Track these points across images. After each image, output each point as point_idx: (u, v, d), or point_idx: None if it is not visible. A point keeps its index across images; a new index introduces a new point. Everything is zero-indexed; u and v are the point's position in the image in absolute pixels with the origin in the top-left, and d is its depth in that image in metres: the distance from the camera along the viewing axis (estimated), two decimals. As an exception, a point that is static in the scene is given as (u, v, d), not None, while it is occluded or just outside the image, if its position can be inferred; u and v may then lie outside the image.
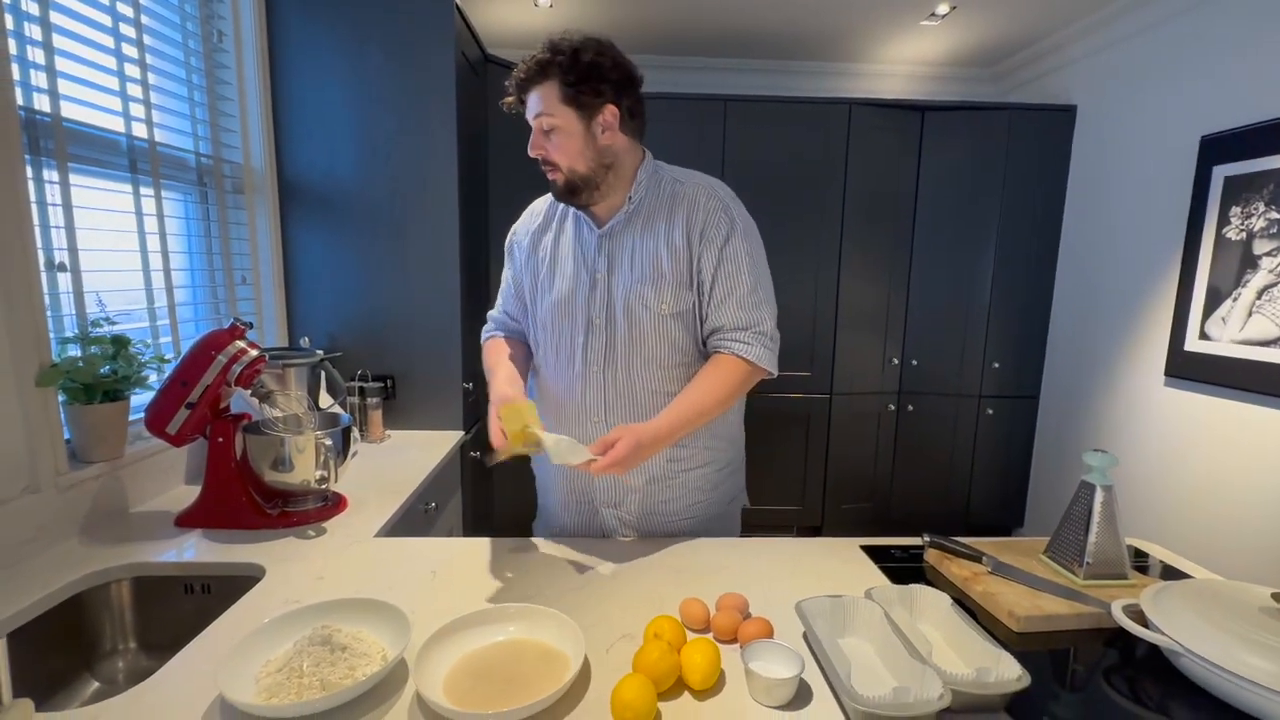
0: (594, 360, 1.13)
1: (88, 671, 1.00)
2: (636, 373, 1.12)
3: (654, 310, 1.09)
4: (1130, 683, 0.79)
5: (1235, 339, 2.00)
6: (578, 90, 1.02)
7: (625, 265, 1.11)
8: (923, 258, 2.89)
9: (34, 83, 1.13)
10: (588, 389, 1.14)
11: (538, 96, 1.04)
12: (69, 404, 1.15)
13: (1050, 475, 2.91)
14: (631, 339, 1.11)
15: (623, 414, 1.14)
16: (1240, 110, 2.01)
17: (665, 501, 1.19)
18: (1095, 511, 0.95)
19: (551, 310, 1.16)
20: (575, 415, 1.16)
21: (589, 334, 1.13)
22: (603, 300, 1.12)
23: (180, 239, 1.57)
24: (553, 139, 1.05)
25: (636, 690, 0.67)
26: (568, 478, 1.21)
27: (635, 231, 1.12)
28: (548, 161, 1.08)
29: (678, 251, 1.09)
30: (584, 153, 1.06)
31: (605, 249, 1.13)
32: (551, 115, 1.03)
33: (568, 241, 1.17)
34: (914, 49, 3.00)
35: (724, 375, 1.08)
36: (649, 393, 1.13)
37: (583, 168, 1.06)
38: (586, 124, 1.05)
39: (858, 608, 0.84)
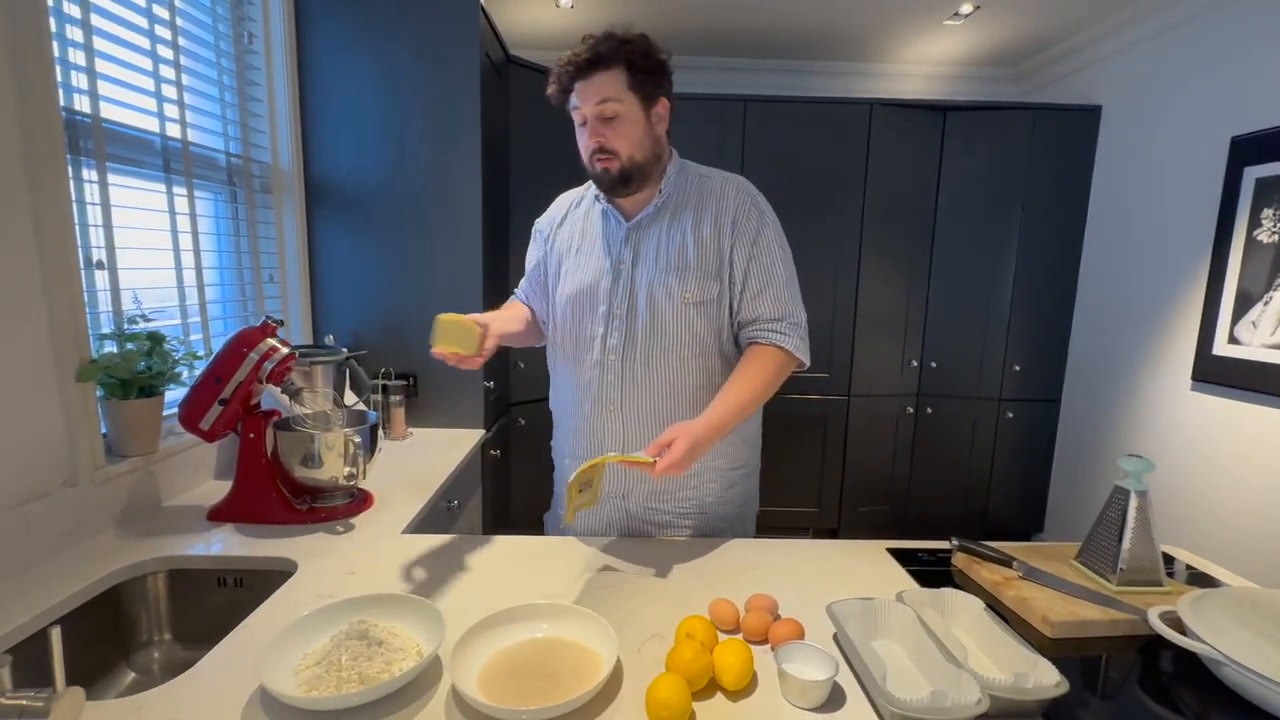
0: (613, 350, 1.14)
1: (124, 662, 1.02)
2: (655, 363, 1.13)
3: (676, 299, 1.10)
4: (1167, 691, 0.78)
5: (1267, 343, 1.96)
6: (645, 78, 1.04)
7: (650, 256, 1.12)
8: (943, 259, 2.87)
9: (75, 84, 1.15)
10: (604, 378, 1.15)
11: (602, 81, 1.03)
12: (106, 399, 1.17)
13: (1071, 480, 2.87)
14: (653, 329, 1.12)
15: (639, 404, 1.14)
16: (1273, 110, 1.97)
17: (671, 493, 1.19)
18: (1130, 517, 0.94)
19: (571, 301, 1.17)
20: (592, 404, 1.17)
21: (609, 324, 1.14)
22: (625, 291, 1.13)
23: (210, 238, 1.60)
24: (614, 126, 1.05)
25: (672, 689, 0.67)
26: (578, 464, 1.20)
27: (662, 224, 1.13)
28: (606, 150, 1.06)
29: (704, 242, 1.11)
30: (643, 141, 1.07)
31: (631, 241, 1.14)
32: (619, 101, 1.03)
33: (593, 234, 1.18)
34: (936, 49, 2.98)
35: (765, 364, 1.09)
36: (666, 383, 1.14)
37: (640, 157, 1.07)
38: (647, 113, 1.06)
39: (889, 610, 0.84)
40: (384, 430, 1.82)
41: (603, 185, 1.12)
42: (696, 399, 1.13)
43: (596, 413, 1.17)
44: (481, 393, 1.98)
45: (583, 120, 1.07)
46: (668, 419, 1.12)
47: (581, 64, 1.02)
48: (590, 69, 1.03)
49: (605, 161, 1.07)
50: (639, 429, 1.15)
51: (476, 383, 1.97)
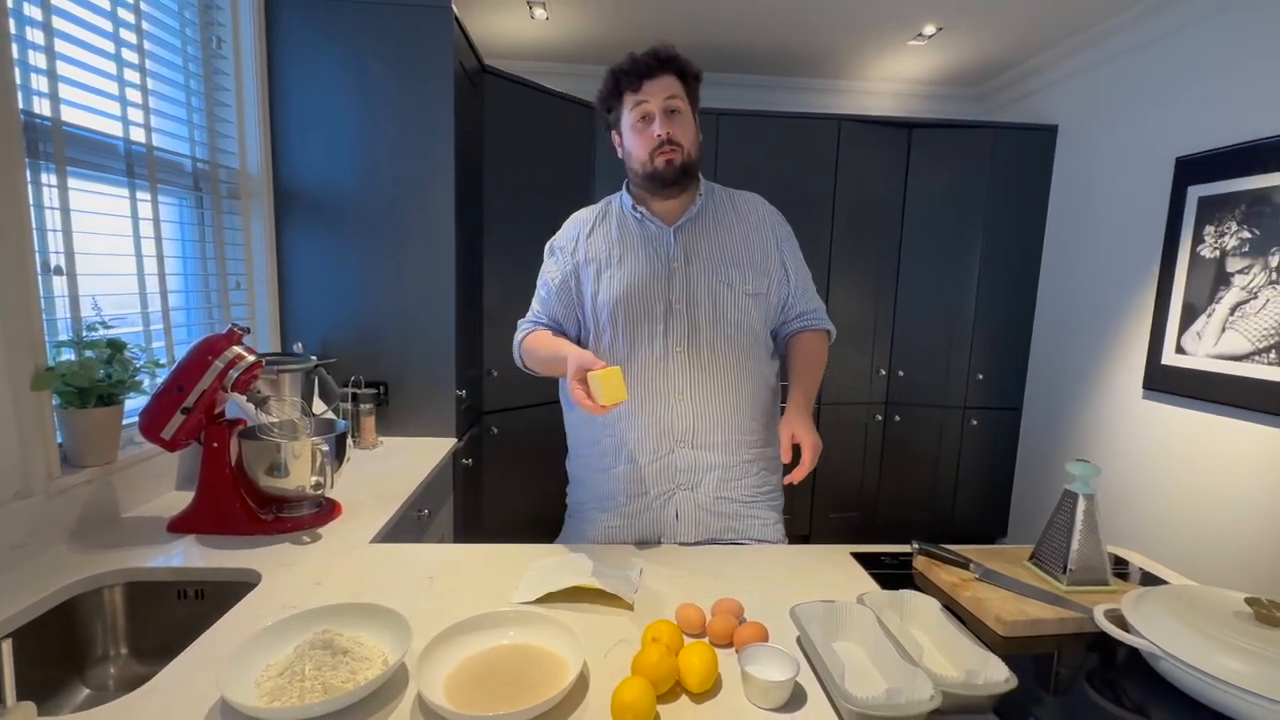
0: (676, 342, 1.20)
1: (78, 678, 0.99)
2: (720, 351, 1.21)
3: (738, 290, 1.21)
4: (1112, 685, 0.82)
5: (1210, 353, 2.06)
6: (695, 87, 1.19)
7: (703, 254, 1.22)
8: (909, 271, 2.95)
9: (34, 86, 1.13)
10: (671, 369, 1.21)
11: (669, 82, 1.15)
12: (63, 408, 1.14)
13: (1033, 485, 2.96)
14: (716, 318, 1.20)
15: (706, 390, 1.21)
16: (1213, 133, 2.09)
17: (739, 479, 1.25)
18: (1078, 520, 0.98)
19: (622, 301, 1.21)
20: (658, 396, 1.21)
21: (669, 319, 1.20)
22: (682, 287, 1.21)
23: (175, 243, 1.57)
24: (678, 121, 1.16)
25: (637, 692, 0.68)
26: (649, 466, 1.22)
27: (707, 226, 1.24)
28: (673, 141, 1.15)
29: (752, 243, 1.24)
30: (696, 141, 1.20)
31: (680, 241, 1.23)
32: (682, 99, 1.16)
33: (631, 239, 1.24)
34: (902, 68, 3.07)
35: (820, 347, 1.29)
36: (729, 368, 1.22)
37: (695, 154, 1.19)
38: (695, 115, 1.20)
39: (850, 613, 0.86)
40: (353, 439, 1.80)
41: (662, 179, 1.17)
42: (750, 383, 1.24)
43: (665, 406, 1.21)
44: (453, 401, 1.97)
45: (642, 116, 1.16)
46: (732, 402, 1.22)
47: (652, 63, 1.15)
48: (660, 69, 1.15)
49: (670, 153, 1.15)
50: (706, 413, 1.22)
51: (448, 391, 1.96)
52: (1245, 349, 1.95)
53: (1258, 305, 1.92)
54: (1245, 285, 1.96)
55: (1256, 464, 1.93)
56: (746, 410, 1.23)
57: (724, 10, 2.51)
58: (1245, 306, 1.96)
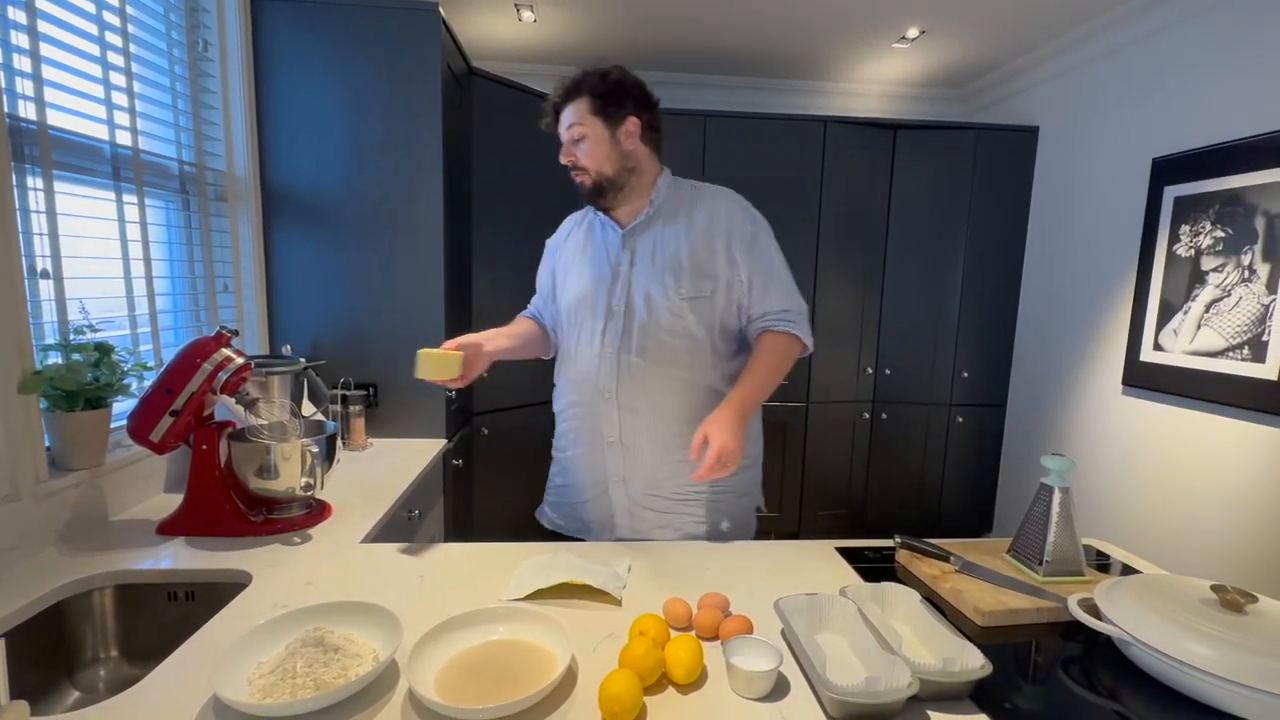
0: (610, 344, 1.24)
1: (68, 681, 1.00)
2: (650, 355, 1.23)
3: (672, 295, 1.22)
4: (1086, 671, 0.84)
5: (1186, 350, 2.11)
6: (605, 102, 1.18)
7: (646, 258, 1.24)
8: (895, 270, 2.98)
9: (19, 90, 1.13)
10: (603, 370, 1.24)
11: (571, 111, 1.20)
12: (50, 411, 1.14)
13: (1017, 480, 3.01)
14: (649, 323, 1.22)
15: (631, 392, 1.23)
16: (1188, 134, 2.14)
17: (668, 478, 1.26)
18: (1054, 512, 1.01)
19: (575, 302, 1.28)
20: (593, 393, 1.26)
21: (609, 320, 1.24)
22: (623, 290, 1.24)
23: (162, 246, 1.57)
24: (581, 147, 1.20)
25: (623, 684, 0.70)
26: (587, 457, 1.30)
27: (656, 229, 1.26)
28: (577, 166, 1.22)
29: (697, 245, 1.23)
30: (610, 157, 1.21)
31: (628, 245, 1.26)
32: (582, 125, 1.19)
33: (592, 243, 1.31)
34: (886, 70, 3.11)
35: (779, 349, 1.23)
36: (657, 372, 1.23)
37: (609, 170, 1.21)
38: (612, 132, 1.20)
39: (833, 605, 0.88)
40: (343, 441, 1.80)
41: (583, 197, 1.26)
42: (686, 388, 1.24)
43: (595, 401, 1.26)
44: (443, 403, 1.97)
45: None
46: (660, 407, 1.24)
47: (556, 101, 1.22)
48: (563, 102, 1.21)
49: (579, 176, 1.23)
50: (632, 415, 1.24)
51: (438, 393, 1.96)
52: (1220, 345, 1.99)
53: (1231, 303, 1.96)
54: (1219, 283, 2.01)
55: (1231, 458, 1.97)
56: (676, 414, 1.23)
57: (710, 13, 2.53)
58: (1219, 304, 2.00)
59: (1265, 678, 0.70)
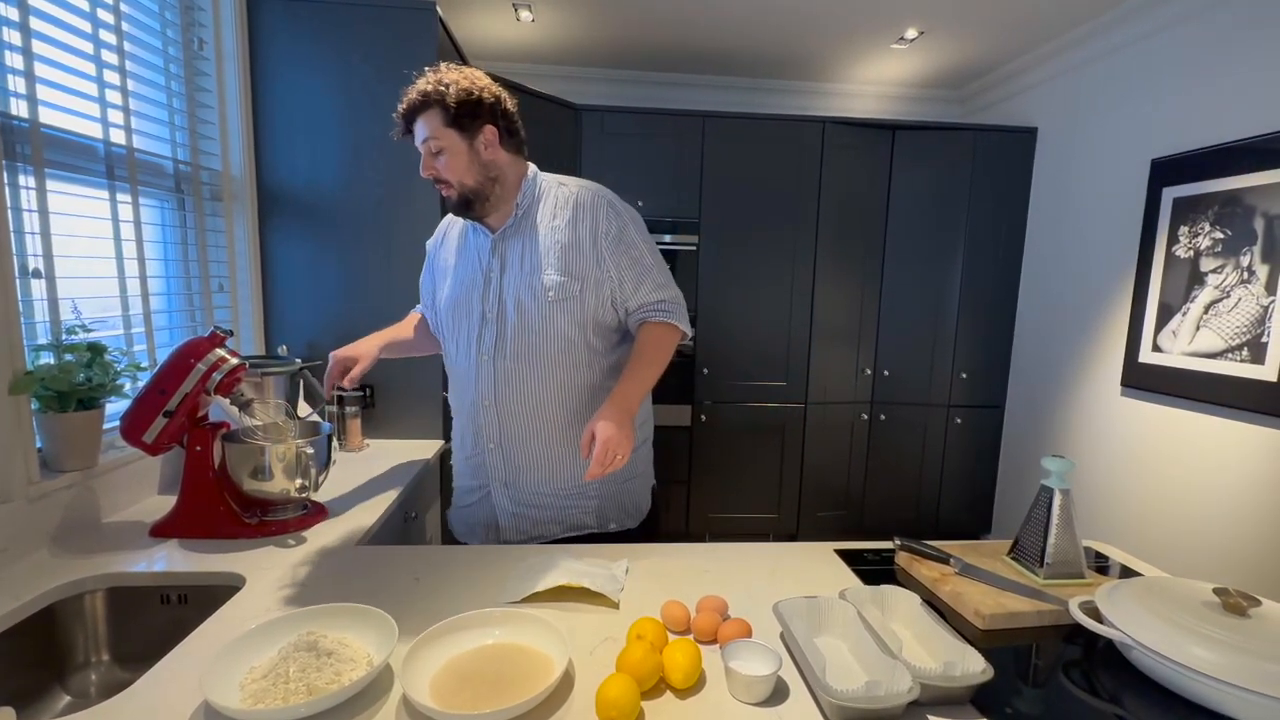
0: (486, 350, 1.22)
1: (59, 685, 0.99)
2: (525, 359, 1.21)
3: (541, 299, 1.19)
4: (1087, 675, 0.84)
5: (1185, 351, 2.11)
6: (458, 113, 1.13)
7: (515, 263, 1.21)
8: (894, 271, 2.98)
9: (11, 88, 1.12)
10: (480, 376, 1.23)
11: (423, 124, 1.14)
12: (42, 412, 1.13)
13: (1016, 481, 3.00)
14: (521, 327, 1.20)
15: (509, 396, 1.22)
16: (1187, 135, 2.13)
17: (552, 477, 1.25)
18: (1054, 514, 1.00)
19: (450, 308, 1.27)
20: (472, 402, 1.25)
21: (482, 327, 1.22)
22: (495, 296, 1.22)
23: (156, 246, 1.56)
24: (441, 159, 1.15)
25: (621, 689, 0.69)
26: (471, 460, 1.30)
27: (524, 233, 1.23)
28: (440, 180, 1.17)
29: (564, 245, 1.20)
30: (470, 168, 1.16)
31: (498, 251, 1.23)
32: (438, 139, 1.14)
33: (463, 249, 1.28)
34: (884, 71, 3.11)
35: (659, 339, 1.22)
36: (532, 375, 1.22)
37: (471, 181, 1.17)
38: (469, 143, 1.15)
39: (832, 608, 0.88)
40: (339, 442, 1.79)
41: (451, 209, 1.23)
42: (564, 389, 1.22)
43: (475, 409, 1.25)
44: (440, 403, 1.96)
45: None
46: (538, 410, 1.22)
47: (406, 113, 1.16)
48: (414, 114, 1.15)
49: (444, 189, 1.19)
50: (512, 421, 1.23)
51: (435, 393, 1.96)
52: (1219, 347, 1.99)
53: (1230, 304, 1.96)
54: (1218, 284, 2.00)
55: (1230, 459, 1.97)
56: (555, 415, 1.22)
57: (708, 13, 2.53)
58: (1218, 305, 2.00)
59: (1268, 681, 0.69)
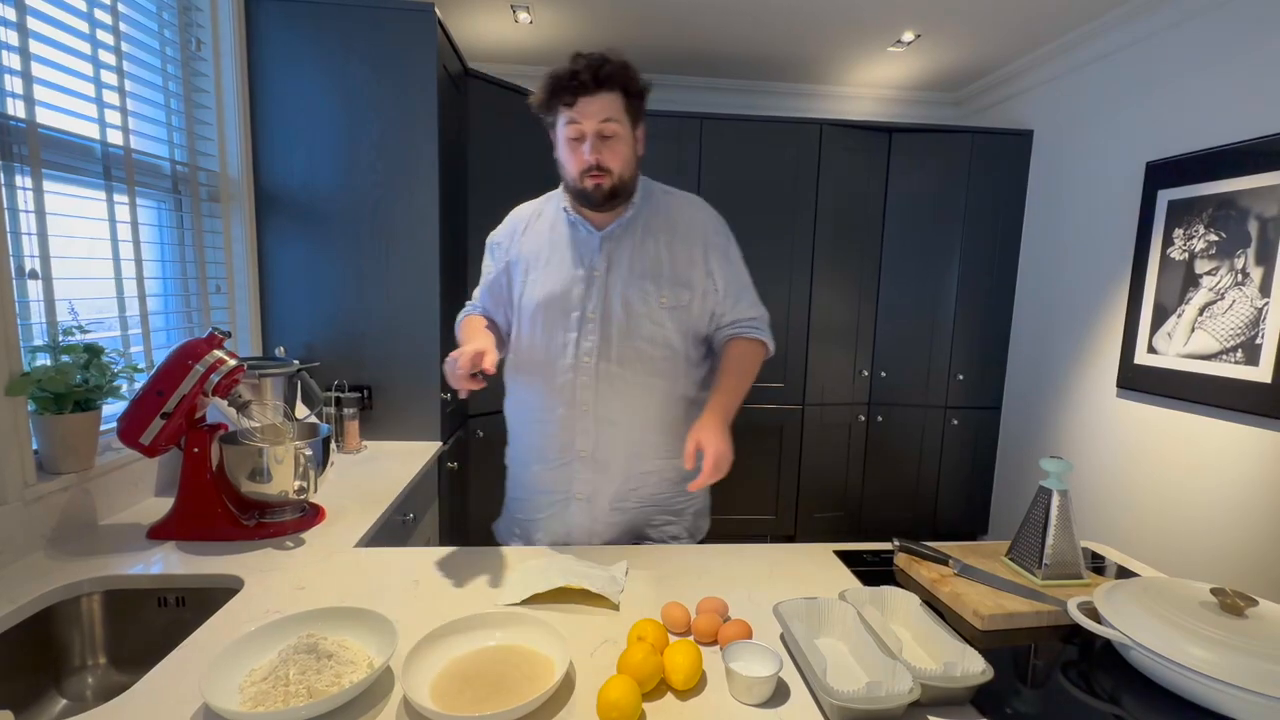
0: (587, 352, 1.18)
1: (55, 689, 0.98)
2: (629, 364, 1.18)
3: (653, 303, 1.18)
4: (1085, 676, 0.84)
5: (1180, 353, 2.12)
6: (636, 103, 1.12)
7: (624, 264, 1.18)
8: (890, 273, 2.99)
9: (8, 88, 1.12)
10: (578, 379, 1.18)
11: (606, 102, 1.08)
12: (38, 414, 1.12)
13: (1012, 482, 3.01)
14: (628, 331, 1.17)
15: (612, 404, 1.19)
16: (1182, 138, 2.15)
17: (635, 489, 1.23)
18: (1052, 515, 1.00)
19: (543, 306, 1.20)
20: (565, 405, 1.20)
21: (582, 328, 1.18)
22: (599, 296, 1.18)
23: (153, 247, 1.55)
24: (610, 145, 1.10)
25: (622, 690, 0.69)
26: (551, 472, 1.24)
27: (635, 234, 1.20)
28: (602, 167, 1.10)
29: (678, 254, 1.20)
30: (631, 161, 1.15)
31: (605, 250, 1.19)
32: (617, 122, 1.10)
33: (561, 243, 1.22)
34: (881, 73, 3.12)
35: (751, 354, 1.24)
36: (636, 383, 1.19)
37: (627, 175, 1.15)
38: (633, 134, 1.15)
39: (832, 609, 0.88)
40: (337, 444, 1.79)
41: (591, 201, 1.15)
42: (659, 397, 1.20)
43: (570, 415, 1.20)
44: (438, 405, 1.96)
45: (577, 135, 1.10)
46: (636, 417, 1.20)
47: (589, 80, 1.06)
48: (596, 87, 1.07)
49: (598, 178, 1.11)
50: (610, 429, 1.19)
51: (433, 395, 1.95)
52: (1214, 348, 2.00)
53: (1225, 306, 1.97)
54: (1213, 286, 2.02)
55: (1225, 460, 1.98)
56: (652, 424, 1.21)
57: (706, 16, 2.53)
58: (1213, 307, 2.01)
59: (1265, 681, 0.70)
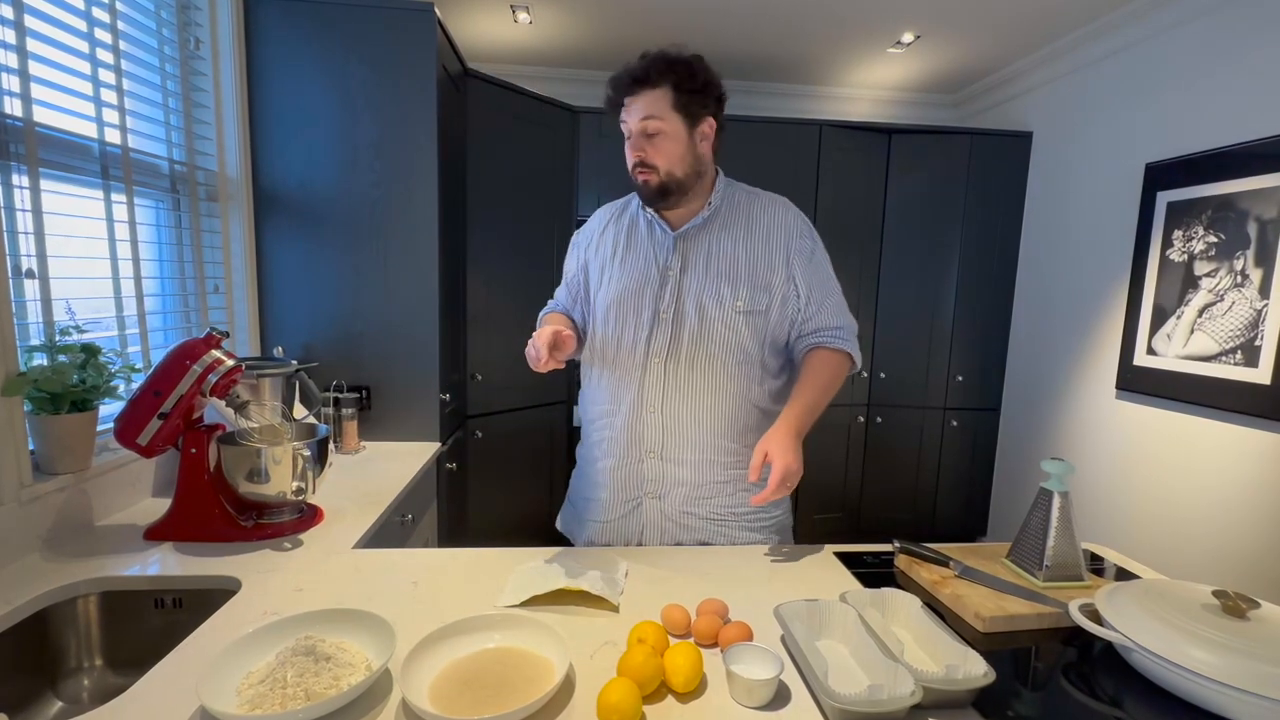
0: (657, 352, 1.17)
1: (51, 691, 0.97)
2: (699, 367, 1.16)
3: (728, 307, 1.15)
4: (1087, 678, 0.84)
5: (1179, 354, 2.12)
6: (690, 99, 1.09)
7: (700, 265, 1.17)
8: (890, 274, 2.99)
9: (6, 86, 1.11)
10: (647, 379, 1.17)
11: (648, 100, 1.09)
12: (35, 414, 1.11)
13: (1011, 483, 3.01)
14: (700, 333, 1.15)
15: (678, 405, 1.17)
16: (1181, 140, 2.15)
17: (708, 498, 1.20)
18: (1053, 517, 1.00)
19: (616, 304, 1.19)
20: (632, 405, 1.19)
21: (654, 327, 1.17)
22: (673, 296, 1.16)
23: (151, 246, 1.55)
24: (655, 142, 1.10)
25: (622, 693, 0.68)
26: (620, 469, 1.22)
27: (711, 234, 1.18)
28: (646, 164, 1.11)
29: (756, 256, 1.17)
30: (685, 158, 1.12)
31: (680, 249, 1.18)
32: (660, 119, 1.09)
33: (637, 241, 1.22)
34: (881, 74, 3.12)
35: (833, 365, 1.18)
36: (706, 386, 1.17)
37: (680, 172, 1.12)
38: (690, 131, 1.12)
39: (833, 611, 0.87)
40: (335, 444, 1.78)
41: (643, 196, 1.17)
42: (730, 402, 1.18)
43: (636, 414, 1.19)
44: (437, 405, 1.96)
45: (627, 133, 1.13)
46: (705, 421, 1.17)
47: (628, 82, 1.09)
48: (637, 86, 1.09)
49: (645, 174, 1.13)
50: (675, 428, 1.18)
51: (432, 395, 1.95)
52: (1213, 350, 2.00)
53: (1224, 307, 1.98)
54: (1212, 288, 2.02)
55: (1224, 462, 1.98)
56: (722, 430, 1.18)
57: (706, 17, 2.53)
58: (1212, 309, 2.01)
59: (1267, 683, 0.69)
